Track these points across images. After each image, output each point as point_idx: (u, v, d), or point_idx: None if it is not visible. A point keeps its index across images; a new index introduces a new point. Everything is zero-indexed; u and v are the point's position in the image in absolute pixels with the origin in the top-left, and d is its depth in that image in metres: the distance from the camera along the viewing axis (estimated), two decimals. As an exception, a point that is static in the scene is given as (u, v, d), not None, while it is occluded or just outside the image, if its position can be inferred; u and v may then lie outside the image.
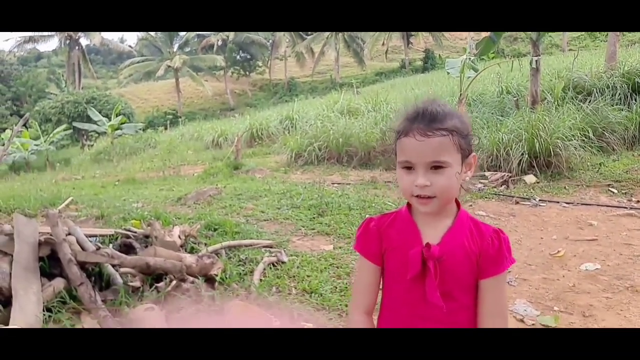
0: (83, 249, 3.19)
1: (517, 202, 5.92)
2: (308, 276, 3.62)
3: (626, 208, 5.43)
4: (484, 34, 9.39)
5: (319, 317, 3.00)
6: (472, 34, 39.15)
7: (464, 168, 1.19)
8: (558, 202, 5.80)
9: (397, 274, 1.23)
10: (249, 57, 47.72)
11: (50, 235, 3.13)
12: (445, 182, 1.15)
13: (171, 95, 43.35)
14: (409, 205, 1.26)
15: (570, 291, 3.46)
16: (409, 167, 1.17)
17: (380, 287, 1.30)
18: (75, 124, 22.14)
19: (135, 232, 4.02)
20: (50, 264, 3.06)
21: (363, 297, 1.30)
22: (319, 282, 3.48)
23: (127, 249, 3.60)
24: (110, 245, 3.58)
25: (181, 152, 14.76)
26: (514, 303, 3.26)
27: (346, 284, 3.52)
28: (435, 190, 1.14)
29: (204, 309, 2.79)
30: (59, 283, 2.92)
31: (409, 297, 1.21)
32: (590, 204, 5.68)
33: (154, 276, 3.21)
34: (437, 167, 1.14)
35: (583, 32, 39.59)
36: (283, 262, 3.86)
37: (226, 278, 3.43)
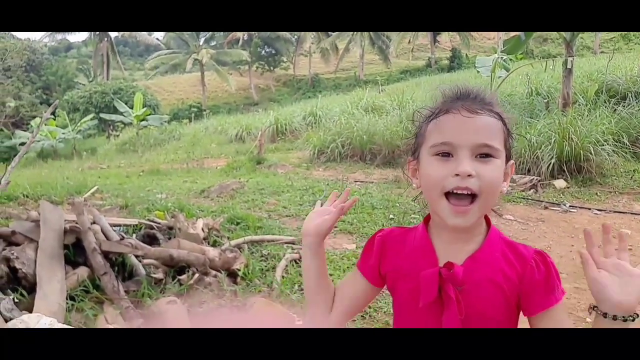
0: (107, 238, 3.20)
1: (546, 207, 5.75)
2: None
3: (662, 217, 5.23)
4: (513, 33, 9.15)
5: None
6: (501, 33, 38.50)
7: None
8: (589, 209, 5.61)
9: (408, 301, 1.00)
10: (274, 52, 47.84)
11: (76, 223, 3.15)
12: (494, 176, 0.90)
13: (196, 88, 43.77)
14: (426, 221, 1.03)
15: (604, 302, 3.32)
16: (445, 154, 0.91)
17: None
18: (102, 114, 22.51)
19: (159, 223, 4.02)
20: (75, 252, 3.08)
21: (336, 304, 1.09)
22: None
23: (151, 240, 3.60)
24: (134, 236, 3.59)
25: (205, 145, 14.86)
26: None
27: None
28: (481, 184, 0.88)
29: (226, 304, 2.76)
30: (82, 272, 2.93)
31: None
32: (623, 212, 5.48)
33: (176, 268, 3.20)
34: (484, 155, 0.90)
35: (616, 35, 38.57)
36: (305, 260, 3.81)
37: (248, 273, 3.40)
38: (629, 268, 0.86)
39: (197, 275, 3.13)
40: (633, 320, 0.84)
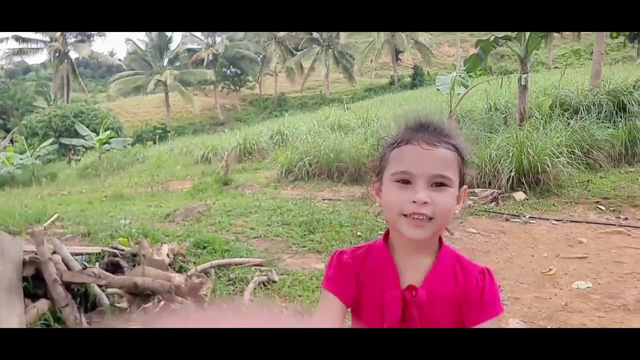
0: (69, 268, 3.11)
1: (507, 219, 5.93)
2: (299, 296, 3.58)
3: (615, 225, 5.47)
4: (473, 52, 9.52)
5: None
6: (460, 51, 39.78)
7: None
8: (548, 219, 5.83)
9: (370, 321, 1.04)
10: (239, 72, 47.89)
11: (35, 254, 3.06)
12: (447, 202, 0.99)
13: (160, 109, 43.25)
14: (385, 238, 1.09)
15: (563, 310, 3.44)
16: (405, 182, 1.00)
17: None
18: (62, 139, 21.93)
19: (123, 250, 3.94)
20: (34, 284, 2.98)
21: None
22: (310, 302, 3.43)
23: (115, 268, 3.53)
24: (97, 264, 3.50)
25: (170, 168, 14.66)
26: (507, 323, 3.23)
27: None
28: (435, 210, 0.97)
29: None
30: (43, 304, 2.84)
31: None
32: (579, 221, 5.71)
33: (141, 296, 3.14)
34: (439, 184, 0.99)
35: (568, 50, 40.43)
36: (274, 282, 3.81)
37: (216, 298, 3.37)
38: None
39: (162, 302, 3.08)
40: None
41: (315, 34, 43.18)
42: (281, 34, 43.77)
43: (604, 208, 6.15)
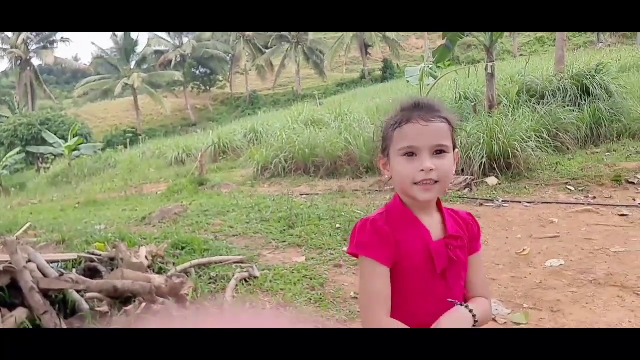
0: (45, 275, 3.06)
1: (481, 204, 6.07)
2: (282, 289, 3.59)
3: (584, 204, 5.65)
4: (440, 43, 9.65)
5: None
6: (428, 43, 40.20)
7: None
8: (520, 202, 5.98)
9: (417, 270, 1.21)
10: (208, 72, 47.30)
11: (9, 263, 2.99)
12: (448, 166, 1.20)
13: (130, 113, 42.42)
14: (397, 201, 1.26)
15: (538, 288, 3.56)
16: (410, 154, 1.19)
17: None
18: (29, 148, 21.31)
19: (100, 255, 3.88)
20: (10, 293, 2.92)
21: (387, 305, 1.20)
22: (293, 295, 3.46)
23: (92, 273, 3.48)
24: (74, 271, 3.45)
25: (143, 171, 14.43)
26: (486, 303, 3.32)
27: (320, 295, 3.51)
28: (440, 174, 1.18)
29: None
30: (21, 313, 2.78)
31: (433, 291, 1.21)
32: (550, 202, 5.88)
33: (122, 300, 3.11)
34: (439, 151, 1.19)
35: (532, 38, 41.31)
36: (255, 277, 3.81)
37: (197, 297, 3.36)
38: None
39: (143, 304, 3.05)
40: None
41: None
42: (249, 32, 43.44)
43: (573, 188, 6.35)
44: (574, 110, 8.44)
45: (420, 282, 1.21)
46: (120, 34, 39.16)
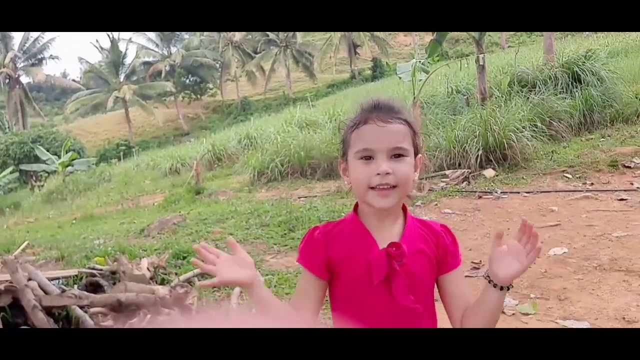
0: (46, 293, 3.02)
1: (480, 197, 6.06)
2: (287, 294, 3.56)
3: (582, 191, 5.66)
4: (428, 39, 9.67)
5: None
6: (416, 40, 40.33)
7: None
8: (518, 193, 5.98)
9: (357, 282, 1.14)
10: (198, 80, 47.21)
11: (10, 282, 2.95)
12: (406, 170, 1.12)
13: (121, 126, 42.26)
14: (355, 211, 1.21)
15: (544, 277, 3.55)
16: (367, 158, 1.12)
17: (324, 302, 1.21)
18: (22, 166, 21.18)
19: (101, 270, 3.84)
20: (12, 312, 2.88)
21: (307, 303, 1.19)
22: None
23: (95, 288, 3.44)
24: (76, 287, 3.41)
25: (138, 183, 14.39)
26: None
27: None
28: (397, 178, 1.10)
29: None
30: (24, 333, 2.74)
31: (375, 304, 1.13)
32: (548, 191, 5.88)
33: (126, 313, 3.07)
34: (397, 155, 1.11)
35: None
36: (259, 283, 3.78)
37: (203, 305, 3.33)
38: (516, 251, 1.13)
39: (149, 316, 3.02)
40: (508, 289, 1.12)
41: (271, 35, 42.98)
42: (237, 38, 43.38)
43: (570, 176, 6.35)
44: (566, 98, 8.47)
45: (361, 292, 1.14)
46: (107, 46, 39.04)
